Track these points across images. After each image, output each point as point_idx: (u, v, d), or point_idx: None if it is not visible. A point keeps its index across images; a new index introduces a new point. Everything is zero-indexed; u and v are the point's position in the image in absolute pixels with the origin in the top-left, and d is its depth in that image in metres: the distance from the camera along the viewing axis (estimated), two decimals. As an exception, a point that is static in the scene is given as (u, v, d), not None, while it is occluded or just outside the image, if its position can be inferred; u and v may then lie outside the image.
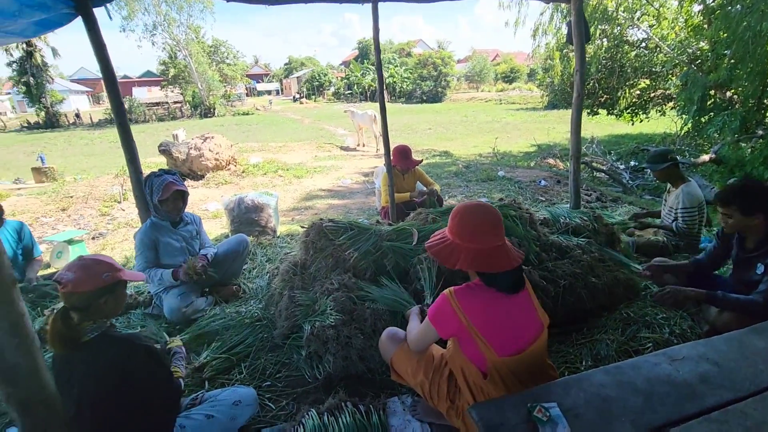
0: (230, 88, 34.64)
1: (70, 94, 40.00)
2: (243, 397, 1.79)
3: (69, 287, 1.46)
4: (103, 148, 16.14)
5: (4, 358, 1.20)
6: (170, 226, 2.66)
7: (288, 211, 5.44)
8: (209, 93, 29.58)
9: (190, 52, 28.43)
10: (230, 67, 36.65)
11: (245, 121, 23.87)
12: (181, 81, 30.42)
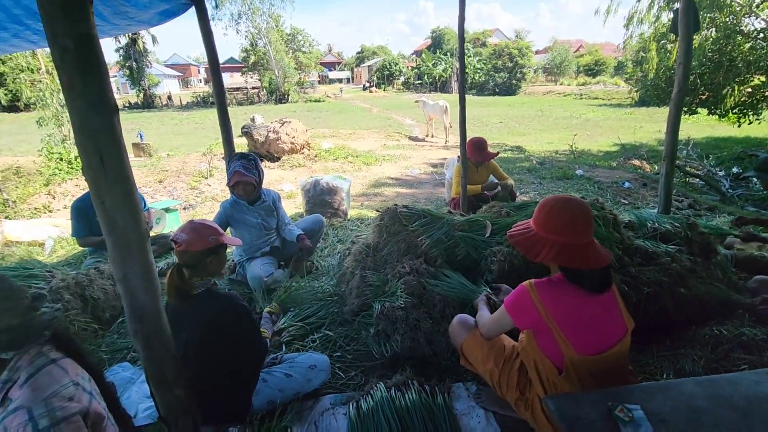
0: (304, 75, 36.03)
1: (164, 78, 44.07)
2: (318, 363, 1.94)
3: (183, 246, 1.68)
4: (190, 128, 17.65)
5: (135, 299, 1.42)
6: (247, 204, 2.89)
7: (357, 197, 5.62)
8: (285, 80, 31.03)
9: (269, 40, 29.96)
10: (305, 55, 38.07)
11: (316, 108, 24.76)
12: (259, 68, 32.23)
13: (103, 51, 1.20)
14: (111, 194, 1.27)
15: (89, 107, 1.18)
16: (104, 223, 1.31)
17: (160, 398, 1.58)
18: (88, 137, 1.20)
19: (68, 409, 0.99)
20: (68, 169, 8.25)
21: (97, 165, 1.23)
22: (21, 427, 0.93)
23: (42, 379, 1.00)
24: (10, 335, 0.98)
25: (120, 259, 1.36)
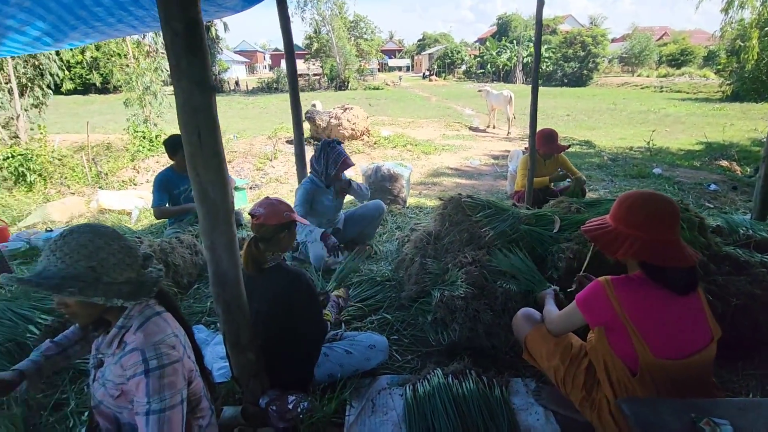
0: (364, 62, 36.27)
1: (232, 64, 46.31)
2: (377, 343, 1.99)
3: (261, 219, 1.79)
4: (255, 112, 18.48)
5: (219, 266, 1.54)
6: (325, 186, 3.00)
7: (415, 185, 5.62)
8: (345, 67, 31.44)
9: (332, 27, 30.42)
10: (367, 42, 38.27)
11: (375, 95, 24.87)
12: (321, 55, 32.89)
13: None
14: (205, 168, 1.38)
15: (192, 86, 1.28)
16: (197, 194, 1.43)
17: (235, 360, 1.72)
18: (189, 114, 1.31)
19: (171, 356, 1.12)
20: (149, 147, 9.02)
21: (195, 140, 1.34)
22: (136, 366, 1.06)
23: (151, 328, 1.13)
24: (129, 288, 1.11)
25: (209, 229, 1.48)
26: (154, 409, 1.06)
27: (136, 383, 1.07)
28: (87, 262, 1.06)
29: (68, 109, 17.91)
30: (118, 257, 1.11)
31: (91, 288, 1.05)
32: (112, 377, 1.12)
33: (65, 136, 9.78)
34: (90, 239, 1.08)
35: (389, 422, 1.71)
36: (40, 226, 4.58)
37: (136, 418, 1.08)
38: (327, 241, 2.75)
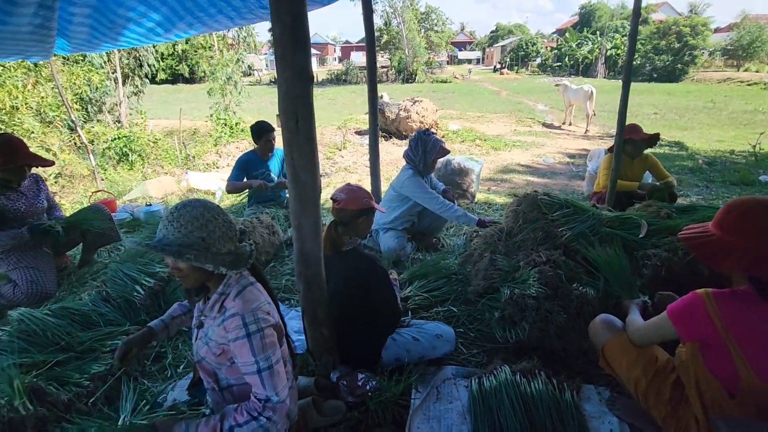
0: (433, 55, 35.84)
1: (305, 56, 47.92)
2: (445, 333, 2.02)
3: (341, 204, 1.88)
4: (324, 103, 19.05)
5: (305, 245, 1.65)
6: (421, 176, 3.06)
7: (484, 181, 5.51)
8: (414, 59, 31.29)
9: (403, 18, 30.36)
10: (437, 34, 37.72)
11: (442, 88, 24.50)
12: (390, 47, 32.99)
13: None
14: (300, 152, 1.49)
15: (294, 76, 1.38)
16: (290, 176, 1.55)
17: (311, 334, 1.84)
18: (290, 102, 1.42)
19: (268, 321, 1.23)
20: (230, 133, 9.72)
21: (293, 126, 1.44)
22: (238, 330, 1.19)
23: (248, 295, 1.25)
24: (231, 258, 1.24)
25: (298, 210, 1.59)
26: (263, 367, 1.18)
27: (240, 346, 1.19)
28: (199, 233, 1.19)
29: (159, 97, 19.74)
30: (222, 230, 1.23)
31: (202, 256, 1.18)
32: (215, 337, 1.25)
33: (158, 122, 10.84)
34: (201, 213, 1.21)
35: (454, 411, 1.73)
36: (141, 200, 5.16)
37: (248, 377, 1.20)
38: (485, 223, 2.85)
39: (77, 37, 3.11)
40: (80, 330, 2.22)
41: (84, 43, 3.25)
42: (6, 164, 2.65)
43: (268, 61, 50.70)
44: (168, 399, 1.77)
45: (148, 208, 4.31)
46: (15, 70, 7.47)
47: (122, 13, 2.83)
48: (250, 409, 1.18)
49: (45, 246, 2.94)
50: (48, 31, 2.65)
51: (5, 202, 2.73)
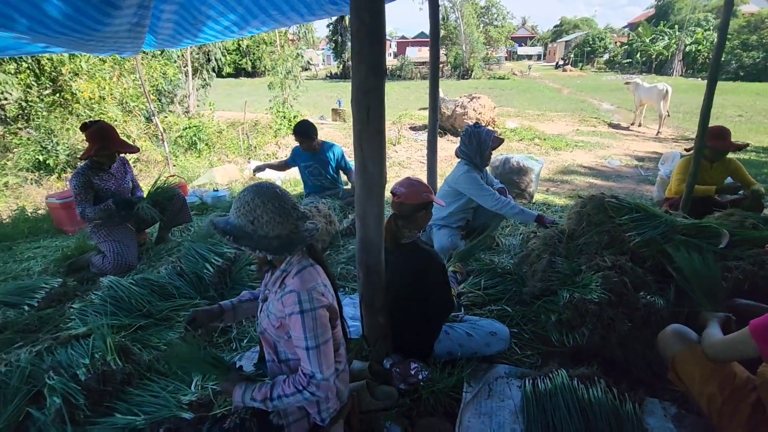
0: (492, 50, 34.82)
1: (363, 51, 48.35)
2: (499, 331, 2.01)
3: (401, 198, 1.91)
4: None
5: (367, 233, 1.71)
6: (478, 171, 3.03)
7: (543, 181, 5.32)
8: (471, 55, 30.61)
9: (462, 13, 29.75)
10: (496, 29, 36.63)
11: (499, 85, 23.80)
12: (447, 42, 32.46)
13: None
14: (369, 144, 1.54)
15: (369, 70, 1.43)
16: (358, 166, 1.60)
17: (367, 320, 1.90)
18: (363, 95, 1.47)
19: (321, 301, 1.30)
20: (288, 126, 10.10)
21: (364, 118, 1.50)
22: (293, 306, 1.26)
23: (306, 275, 1.32)
24: (278, 242, 1.30)
25: (364, 199, 1.65)
26: (311, 345, 1.25)
27: (294, 321, 1.27)
28: (247, 218, 1.28)
29: (223, 90, 20.86)
30: (271, 215, 1.28)
31: (245, 238, 1.27)
32: (275, 311, 1.34)
33: (221, 113, 11.49)
34: (252, 198, 1.29)
35: (506, 409, 1.73)
36: (208, 186, 5.54)
37: (298, 351, 1.29)
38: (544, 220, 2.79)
39: (163, 33, 3.39)
40: (158, 300, 2.46)
41: (168, 39, 3.54)
42: (101, 150, 2.96)
43: (324, 56, 51.83)
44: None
45: (214, 194, 4.62)
46: (104, 64, 8.26)
47: (204, 11, 3.04)
48: (296, 382, 1.27)
49: (129, 223, 3.25)
50: (141, 28, 2.92)
51: (98, 182, 3.05)
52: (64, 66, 7.65)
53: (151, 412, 1.68)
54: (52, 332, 2.25)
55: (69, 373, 1.78)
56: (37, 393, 1.75)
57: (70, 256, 3.33)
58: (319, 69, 41.62)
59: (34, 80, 7.64)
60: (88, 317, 2.25)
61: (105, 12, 2.28)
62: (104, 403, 1.76)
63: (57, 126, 7.66)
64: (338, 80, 32.31)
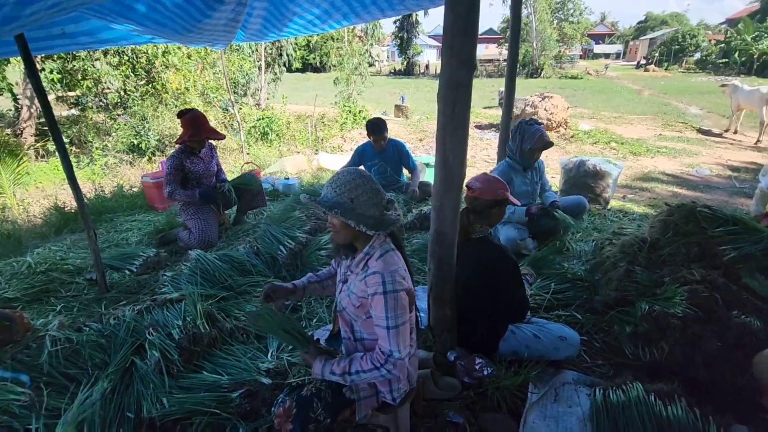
0: (565, 48, 33.02)
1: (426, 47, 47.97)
2: (569, 337, 1.95)
3: (476, 193, 1.91)
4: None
5: (442, 225, 1.74)
6: (522, 170, 2.97)
7: (620, 187, 4.99)
8: (542, 53, 29.27)
9: (535, 9, 28.46)
10: (572, 25, 34.65)
11: (570, 85, 22.51)
12: (516, 39, 31.26)
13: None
14: (452, 137, 1.56)
15: (459, 65, 1.45)
16: (438, 159, 1.64)
17: (434, 312, 1.93)
18: (451, 89, 1.49)
19: (403, 284, 1.35)
20: (353, 120, 10.36)
21: (450, 112, 1.52)
22: (377, 286, 1.33)
23: (389, 259, 1.38)
24: (373, 221, 1.37)
25: (442, 191, 1.68)
26: (391, 325, 1.32)
27: (376, 301, 1.33)
28: (348, 195, 1.36)
29: (290, 84, 21.72)
30: (369, 195, 1.37)
31: (348, 213, 1.35)
32: (357, 291, 1.41)
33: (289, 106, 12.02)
34: (353, 178, 1.37)
35: (573, 416, 1.68)
36: (279, 174, 5.86)
37: (378, 330, 1.35)
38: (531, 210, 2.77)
39: (252, 28, 3.63)
40: (238, 275, 2.67)
41: (256, 33, 3.78)
42: (194, 136, 3.25)
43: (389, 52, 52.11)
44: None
45: (285, 181, 4.88)
46: (190, 58, 9.01)
47: (291, 7, 3.22)
48: (374, 360, 1.34)
49: (212, 204, 3.55)
50: (235, 24, 3.15)
51: (189, 165, 3.36)
52: (157, 59, 8.45)
53: (233, 374, 1.85)
54: (150, 295, 2.53)
55: (165, 331, 2.01)
56: (140, 346, 1.99)
57: (161, 230, 3.71)
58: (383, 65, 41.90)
59: (131, 72, 8.53)
60: (179, 284, 2.50)
61: (210, 6, 2.50)
62: (194, 361, 1.96)
63: (149, 113, 8.49)
64: (401, 76, 32.40)
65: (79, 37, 2.88)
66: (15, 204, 5.43)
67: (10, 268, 2.85)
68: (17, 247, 3.67)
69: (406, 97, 13.62)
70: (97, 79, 8.31)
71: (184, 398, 1.71)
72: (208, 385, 1.78)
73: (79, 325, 2.12)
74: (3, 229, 4.31)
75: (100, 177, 6.83)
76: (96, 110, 9.01)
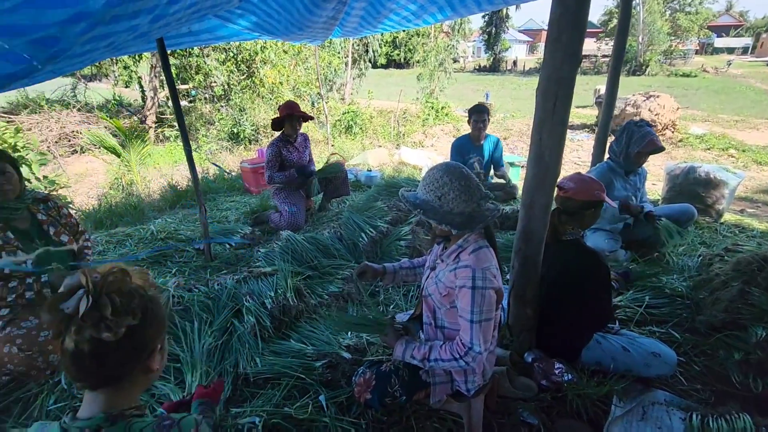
0: (678, 42, 29.42)
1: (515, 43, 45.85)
2: (664, 354, 1.80)
3: (569, 193, 1.83)
4: (527, 94, 17.92)
5: (530, 223, 1.70)
6: (624, 173, 2.76)
7: (737, 200, 4.40)
8: (648, 47, 26.40)
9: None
10: (689, 16, 30.73)
11: (681, 83, 20.06)
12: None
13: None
14: (550, 133, 1.53)
15: (564, 58, 1.41)
16: (533, 155, 1.60)
17: (514, 311, 1.90)
18: (553, 83, 1.46)
19: (493, 282, 1.35)
20: (435, 116, 10.34)
21: (550, 107, 1.49)
22: (466, 280, 1.34)
23: (482, 255, 1.39)
24: (461, 219, 1.38)
25: (533, 188, 1.65)
26: (476, 319, 1.33)
27: (464, 293, 1.35)
28: (436, 193, 1.38)
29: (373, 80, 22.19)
30: (456, 193, 1.36)
31: (431, 212, 1.37)
32: (445, 281, 1.44)
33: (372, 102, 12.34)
34: (441, 176, 1.38)
35: (663, 438, 1.56)
36: (362, 166, 6.08)
37: (461, 321, 1.37)
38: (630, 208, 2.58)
39: (348, 26, 3.80)
40: (322, 257, 2.85)
41: (352, 30, 3.95)
42: (288, 116, 3.53)
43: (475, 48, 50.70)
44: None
45: (368, 173, 5.06)
46: (286, 54, 9.67)
47: (389, 4, 3.32)
48: (453, 350, 1.36)
49: (302, 190, 3.82)
50: (334, 21, 3.34)
51: (285, 153, 3.64)
52: (257, 56, 9.20)
53: (317, 345, 2.01)
54: (246, 267, 2.81)
55: (259, 300, 2.23)
56: (238, 310, 2.24)
57: (255, 211, 4.07)
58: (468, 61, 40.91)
59: (234, 67, 9.40)
60: (272, 260, 2.75)
61: (316, 4, 2.69)
62: (282, 329, 2.16)
63: (247, 105, 9.30)
64: (486, 73, 31.40)
65: (201, 35, 3.26)
66: (139, 180, 6.32)
67: (138, 234, 3.36)
68: (141, 217, 4.30)
69: (490, 94, 13.24)
70: (207, 73, 9.30)
71: (275, 361, 1.89)
72: (295, 353, 1.95)
73: (190, 286, 2.44)
74: (130, 201, 5.06)
75: (205, 162, 7.66)
76: (204, 102, 10.09)
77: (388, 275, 1.79)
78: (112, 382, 0.81)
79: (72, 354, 0.75)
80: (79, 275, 0.78)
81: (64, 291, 0.77)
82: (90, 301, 0.75)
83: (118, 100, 10.49)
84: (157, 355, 0.87)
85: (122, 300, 0.78)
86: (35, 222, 1.99)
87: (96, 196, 6.02)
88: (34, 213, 1.99)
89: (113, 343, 0.76)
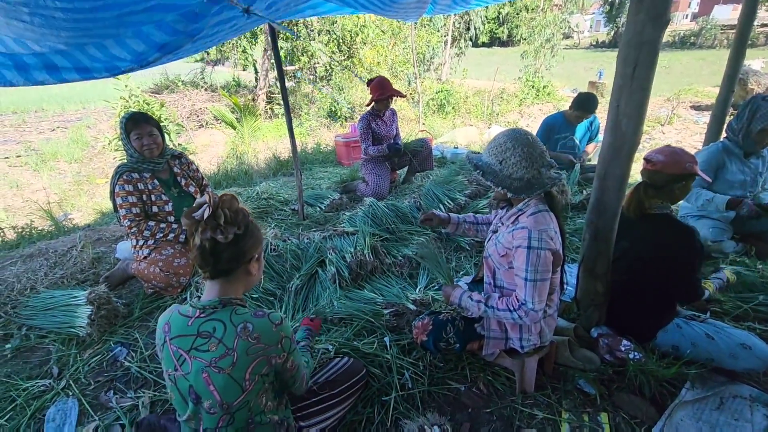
0: None
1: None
2: (755, 346, 1.64)
3: (658, 167, 1.72)
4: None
5: (604, 195, 1.65)
6: (742, 155, 2.44)
7: None
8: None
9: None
10: None
11: None
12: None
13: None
14: (628, 101, 1.47)
15: (647, 20, 1.35)
16: (610, 123, 1.55)
17: (583, 285, 1.87)
18: (633, 48, 1.40)
19: (549, 244, 1.39)
20: (535, 95, 9.76)
21: (629, 73, 1.43)
22: (522, 240, 1.40)
23: (539, 218, 1.43)
24: (519, 184, 1.42)
25: (608, 158, 1.60)
26: (530, 278, 1.39)
27: (519, 253, 1.41)
28: (498, 157, 1.44)
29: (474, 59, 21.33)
30: (518, 158, 1.40)
31: (491, 174, 1.43)
32: (504, 242, 1.51)
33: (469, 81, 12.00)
34: (504, 141, 1.43)
35: (738, 429, 1.46)
36: (449, 143, 6.12)
37: (517, 280, 1.44)
38: (742, 209, 2.33)
39: (441, 3, 3.83)
40: (400, 222, 3.04)
41: (444, 7, 3.97)
42: (381, 95, 3.71)
43: (593, 22, 45.62)
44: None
45: (454, 150, 5.10)
46: (384, 34, 9.88)
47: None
48: (509, 303, 1.45)
49: (388, 163, 4.03)
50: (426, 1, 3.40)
51: (374, 127, 3.86)
52: (358, 36, 9.56)
53: (387, 296, 2.21)
54: (332, 227, 3.13)
55: (340, 254, 2.51)
56: (322, 261, 2.54)
57: (344, 181, 4.42)
58: (583, 37, 37.04)
59: (336, 48, 9.90)
60: (354, 222, 3.02)
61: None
62: (358, 281, 2.41)
63: (345, 84, 9.78)
64: (604, 49, 28.19)
65: (305, 10, 3.57)
66: (250, 151, 7.17)
67: (246, 194, 3.91)
68: (249, 181, 4.94)
69: (603, 73, 11.97)
70: (312, 54, 9.96)
71: (349, 304, 2.15)
72: (367, 300, 2.18)
73: (284, 238, 2.82)
74: (242, 168, 5.82)
75: (305, 137, 8.35)
76: (308, 82, 10.87)
77: (452, 224, 1.91)
78: (224, 274, 1.10)
79: (198, 248, 1.04)
80: (206, 195, 1.06)
81: (196, 205, 1.06)
82: (210, 211, 1.02)
83: (237, 81, 11.81)
84: (255, 263, 1.15)
85: (232, 214, 1.05)
86: (172, 173, 2.50)
87: (216, 164, 7.00)
88: (172, 166, 2.50)
89: (224, 245, 1.04)
